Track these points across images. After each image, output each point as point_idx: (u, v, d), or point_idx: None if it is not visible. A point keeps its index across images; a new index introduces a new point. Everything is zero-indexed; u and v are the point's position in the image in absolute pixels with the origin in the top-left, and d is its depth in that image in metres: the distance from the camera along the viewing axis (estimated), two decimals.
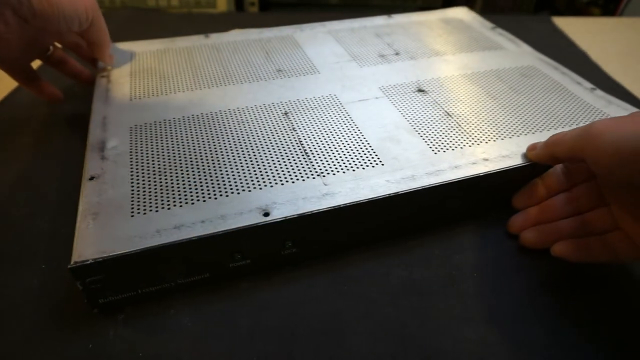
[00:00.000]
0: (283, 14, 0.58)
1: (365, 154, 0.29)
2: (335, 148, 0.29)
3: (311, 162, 0.28)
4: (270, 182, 0.26)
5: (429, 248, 0.28)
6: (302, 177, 0.27)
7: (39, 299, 0.25)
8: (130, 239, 0.22)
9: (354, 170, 0.27)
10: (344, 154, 0.29)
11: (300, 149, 0.29)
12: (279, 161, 0.28)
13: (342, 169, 0.27)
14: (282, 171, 0.27)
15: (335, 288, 0.26)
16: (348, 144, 0.30)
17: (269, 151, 0.29)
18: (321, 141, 0.30)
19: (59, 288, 0.26)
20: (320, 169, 0.27)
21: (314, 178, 0.27)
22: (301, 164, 0.27)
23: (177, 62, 0.39)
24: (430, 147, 0.29)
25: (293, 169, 0.27)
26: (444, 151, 0.29)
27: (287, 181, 0.26)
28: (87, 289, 0.22)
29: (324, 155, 0.28)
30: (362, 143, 0.30)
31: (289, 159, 0.28)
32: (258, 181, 0.26)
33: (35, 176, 0.33)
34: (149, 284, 0.24)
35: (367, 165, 0.28)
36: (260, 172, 0.27)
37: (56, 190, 0.31)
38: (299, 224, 0.24)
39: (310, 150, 0.29)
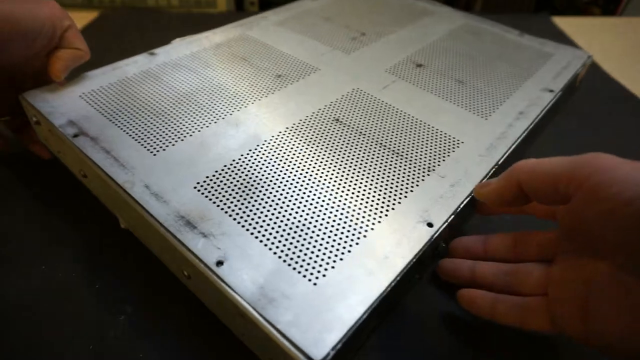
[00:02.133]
0: None
1: (446, 139, 0.34)
2: (423, 142, 0.34)
3: (426, 165, 0.32)
4: (402, 194, 0.29)
5: None
6: (421, 179, 0.30)
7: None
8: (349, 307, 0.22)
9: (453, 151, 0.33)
10: (435, 146, 0.33)
11: (399, 156, 0.32)
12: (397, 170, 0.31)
13: (445, 157, 0.32)
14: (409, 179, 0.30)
15: None
16: (427, 135, 0.34)
17: (379, 166, 0.31)
18: (409, 141, 0.34)
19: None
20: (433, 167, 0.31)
21: (428, 175, 0.31)
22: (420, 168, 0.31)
23: (155, 91, 0.36)
24: (476, 114, 0.37)
25: (419, 176, 0.31)
26: (488, 118, 0.37)
27: (416, 186, 0.30)
28: None
29: (423, 152, 0.33)
30: (434, 130, 0.35)
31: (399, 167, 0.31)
32: (394, 195, 0.29)
33: None
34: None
35: (456, 148, 0.33)
36: (387, 183, 0.30)
37: None
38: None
39: (412, 155, 0.32)
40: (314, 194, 0.28)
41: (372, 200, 0.28)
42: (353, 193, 0.29)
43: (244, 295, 0.23)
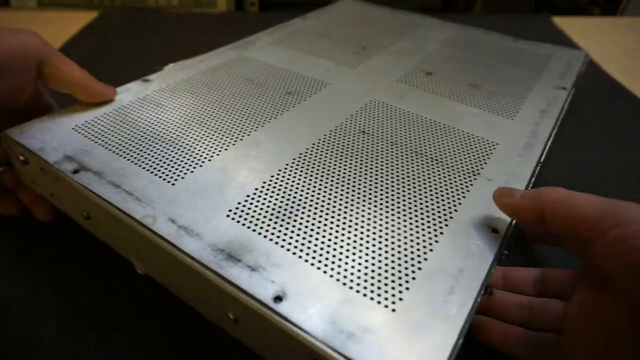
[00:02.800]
0: (283, 13, 0.61)
1: (479, 142, 0.33)
2: (459, 147, 0.33)
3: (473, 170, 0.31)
4: (456, 201, 0.27)
5: None
6: (470, 184, 0.29)
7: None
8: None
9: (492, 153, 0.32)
10: (471, 149, 0.33)
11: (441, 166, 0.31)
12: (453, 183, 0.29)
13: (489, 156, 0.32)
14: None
15: None
16: (460, 140, 0.33)
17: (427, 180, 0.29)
18: (444, 147, 0.32)
19: None
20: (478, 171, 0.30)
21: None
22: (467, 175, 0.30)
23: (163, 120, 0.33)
24: (500, 115, 0.37)
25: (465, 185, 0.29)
26: (513, 118, 0.37)
27: (467, 191, 0.28)
28: None
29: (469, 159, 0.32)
30: (466, 134, 0.34)
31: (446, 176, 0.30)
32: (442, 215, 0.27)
33: None
34: None
35: (493, 150, 0.33)
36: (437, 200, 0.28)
37: None
38: None
39: (455, 163, 0.31)
40: (363, 210, 0.26)
41: (428, 211, 0.26)
42: (405, 206, 0.27)
43: (315, 333, 0.19)
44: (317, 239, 0.24)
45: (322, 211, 0.26)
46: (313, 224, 0.25)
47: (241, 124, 0.33)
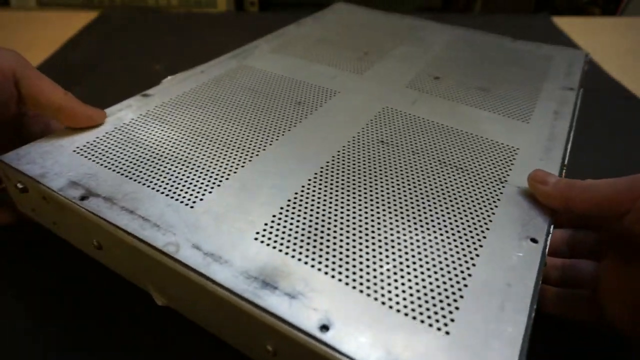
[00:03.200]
0: (283, 13, 0.60)
1: (500, 148, 0.33)
2: (481, 154, 0.32)
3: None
4: (488, 212, 0.27)
5: None
6: (499, 193, 0.29)
7: None
8: None
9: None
10: (494, 156, 0.32)
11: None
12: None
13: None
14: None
15: None
16: (481, 146, 0.33)
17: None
18: (466, 155, 0.32)
19: None
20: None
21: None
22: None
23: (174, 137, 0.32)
24: (515, 119, 0.37)
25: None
26: (529, 121, 0.37)
27: (497, 200, 0.28)
28: None
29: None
30: (485, 140, 0.34)
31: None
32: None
33: None
34: None
35: (515, 155, 0.32)
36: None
37: None
38: None
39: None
40: (397, 226, 0.25)
41: (463, 223, 0.26)
42: (440, 219, 0.26)
43: None
44: (354, 259, 0.23)
45: (354, 229, 0.25)
46: (347, 243, 0.24)
47: (255, 138, 0.32)
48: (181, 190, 0.27)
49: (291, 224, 0.25)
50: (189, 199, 0.26)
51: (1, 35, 0.69)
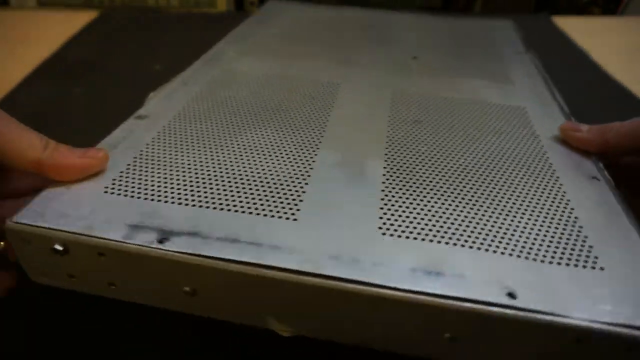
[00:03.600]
0: None
1: (513, 111, 0.35)
2: (502, 119, 0.33)
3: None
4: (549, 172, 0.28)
5: None
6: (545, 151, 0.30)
7: None
8: None
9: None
10: (513, 118, 0.34)
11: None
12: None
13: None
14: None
15: None
16: (499, 112, 0.34)
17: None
18: (492, 120, 0.33)
19: None
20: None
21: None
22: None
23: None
24: (503, 83, 0.40)
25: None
26: (515, 85, 0.40)
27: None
28: None
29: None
30: (499, 106, 0.36)
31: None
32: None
33: None
34: None
35: (527, 115, 0.34)
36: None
37: None
38: None
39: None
40: (497, 195, 0.26)
41: (537, 178, 0.27)
42: (517, 178, 0.27)
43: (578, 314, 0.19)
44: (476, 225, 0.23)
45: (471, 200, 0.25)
46: (467, 214, 0.24)
47: (299, 142, 0.30)
48: (269, 205, 0.24)
49: (402, 210, 0.24)
50: (284, 213, 0.24)
51: (0, 35, 0.69)
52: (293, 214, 0.23)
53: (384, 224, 0.23)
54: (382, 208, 0.24)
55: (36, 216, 0.22)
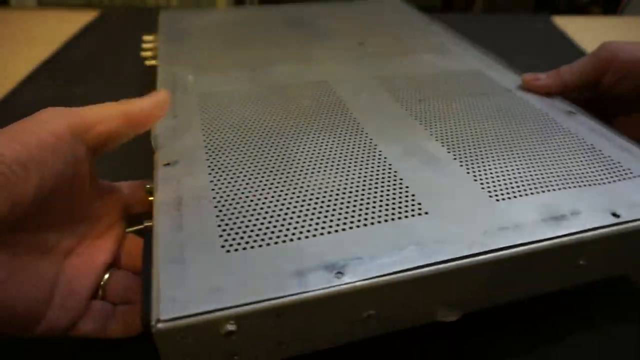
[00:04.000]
0: None
1: (491, 83, 0.38)
2: (475, 82, 0.37)
3: None
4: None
5: None
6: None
7: None
8: None
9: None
10: (481, 81, 0.38)
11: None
12: None
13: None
14: None
15: None
16: (467, 76, 0.38)
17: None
18: (469, 86, 0.37)
19: None
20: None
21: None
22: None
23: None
24: (441, 53, 0.43)
25: None
26: (449, 54, 0.45)
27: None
28: None
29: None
30: (466, 72, 0.39)
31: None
32: None
33: None
34: None
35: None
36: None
37: None
38: None
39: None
40: (531, 159, 0.29)
41: (536, 124, 0.32)
42: (527, 131, 0.31)
43: None
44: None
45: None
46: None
47: (355, 143, 0.29)
48: (394, 208, 0.24)
49: (493, 176, 0.27)
50: (413, 210, 0.24)
51: (1, 35, 0.69)
52: (420, 209, 0.24)
53: (489, 192, 0.25)
54: (475, 180, 0.26)
55: (185, 303, 0.18)
